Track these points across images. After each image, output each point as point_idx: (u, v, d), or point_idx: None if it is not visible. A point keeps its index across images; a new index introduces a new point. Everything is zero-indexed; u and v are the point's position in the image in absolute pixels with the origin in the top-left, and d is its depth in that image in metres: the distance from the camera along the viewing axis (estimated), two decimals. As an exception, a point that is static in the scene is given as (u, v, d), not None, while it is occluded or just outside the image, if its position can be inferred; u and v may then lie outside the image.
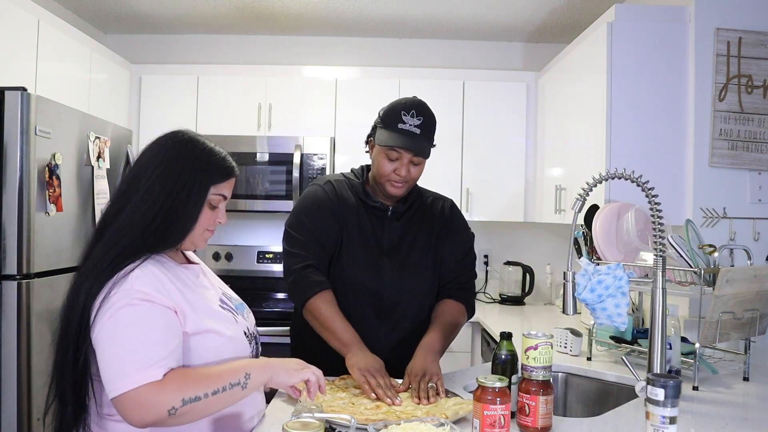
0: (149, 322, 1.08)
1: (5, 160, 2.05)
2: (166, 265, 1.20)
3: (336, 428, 1.19)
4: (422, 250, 1.73)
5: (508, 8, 3.23)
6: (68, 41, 2.75)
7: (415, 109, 1.62)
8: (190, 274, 1.25)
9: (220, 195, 1.24)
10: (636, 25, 2.34)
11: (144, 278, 1.11)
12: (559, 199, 2.92)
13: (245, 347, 1.25)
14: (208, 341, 1.17)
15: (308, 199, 1.73)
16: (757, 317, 1.68)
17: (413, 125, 1.61)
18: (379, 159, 1.65)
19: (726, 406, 1.48)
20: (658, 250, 1.46)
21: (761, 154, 2.27)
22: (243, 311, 1.34)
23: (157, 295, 1.11)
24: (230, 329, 1.22)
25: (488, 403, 1.13)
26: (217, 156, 1.24)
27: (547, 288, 3.61)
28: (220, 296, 1.29)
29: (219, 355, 1.18)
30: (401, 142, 1.60)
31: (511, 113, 3.39)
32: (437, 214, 1.79)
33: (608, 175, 1.48)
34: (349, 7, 3.27)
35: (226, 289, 1.40)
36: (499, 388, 1.14)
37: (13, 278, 2.05)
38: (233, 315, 1.27)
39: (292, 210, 1.76)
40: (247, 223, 3.61)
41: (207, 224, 1.23)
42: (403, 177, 1.63)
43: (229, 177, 1.25)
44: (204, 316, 1.18)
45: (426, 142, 1.63)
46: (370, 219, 1.71)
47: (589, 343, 1.97)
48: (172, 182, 1.17)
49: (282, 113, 3.37)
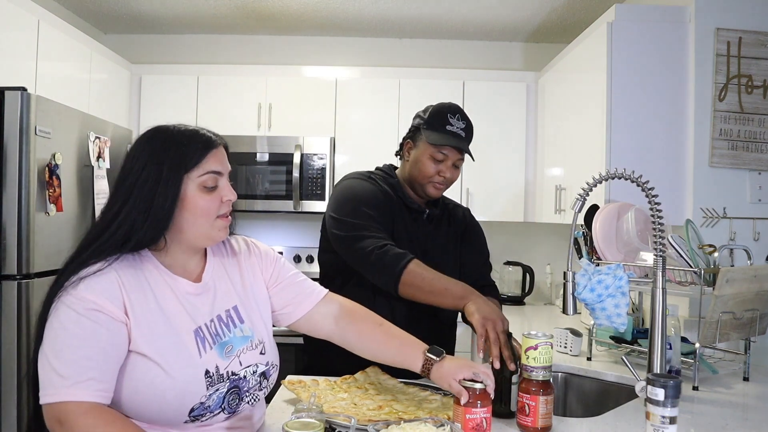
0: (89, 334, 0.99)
1: (5, 160, 2.05)
2: (145, 269, 1.09)
3: (336, 428, 1.19)
4: (448, 254, 1.78)
5: (508, 8, 3.23)
6: (68, 41, 2.75)
7: (459, 113, 1.69)
8: (177, 287, 1.12)
9: (209, 173, 1.10)
10: (636, 25, 2.34)
11: (95, 285, 1.02)
12: (559, 199, 2.92)
13: (194, 390, 1.05)
14: (144, 368, 1.03)
15: (359, 189, 1.67)
16: (757, 317, 1.68)
17: (459, 128, 1.67)
18: (424, 159, 1.68)
19: (726, 406, 1.48)
20: (658, 250, 1.46)
21: (761, 154, 2.27)
22: (236, 347, 1.14)
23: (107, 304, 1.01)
24: (176, 366, 1.04)
25: (469, 406, 1.13)
26: (185, 137, 1.11)
27: (547, 288, 3.61)
28: (205, 322, 1.12)
29: (152, 388, 1.03)
30: (453, 142, 1.65)
31: (511, 113, 3.40)
32: (459, 220, 1.85)
33: (608, 175, 1.48)
34: (349, 7, 3.27)
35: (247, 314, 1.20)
36: (480, 391, 1.13)
37: (13, 278, 2.05)
38: (200, 349, 1.09)
39: (339, 200, 1.67)
40: (247, 223, 3.58)
41: (212, 210, 1.11)
42: (447, 179, 1.69)
43: (207, 151, 1.10)
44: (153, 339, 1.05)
45: (469, 145, 1.71)
46: (407, 219, 1.72)
47: (589, 343, 1.97)
48: (135, 178, 1.07)
49: (282, 113, 3.37)
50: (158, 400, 1.03)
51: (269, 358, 1.20)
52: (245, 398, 1.14)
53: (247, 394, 1.15)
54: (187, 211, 1.09)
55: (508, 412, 1.32)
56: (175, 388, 1.04)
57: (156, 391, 1.03)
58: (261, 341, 1.20)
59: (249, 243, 1.32)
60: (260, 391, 1.18)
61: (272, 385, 1.24)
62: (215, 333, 1.13)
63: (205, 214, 1.11)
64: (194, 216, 1.10)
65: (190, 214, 1.10)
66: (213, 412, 1.08)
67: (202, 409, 1.07)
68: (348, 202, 1.65)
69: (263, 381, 1.18)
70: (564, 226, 3.03)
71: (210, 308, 1.15)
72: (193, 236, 1.12)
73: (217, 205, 1.12)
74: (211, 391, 1.08)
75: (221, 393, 1.09)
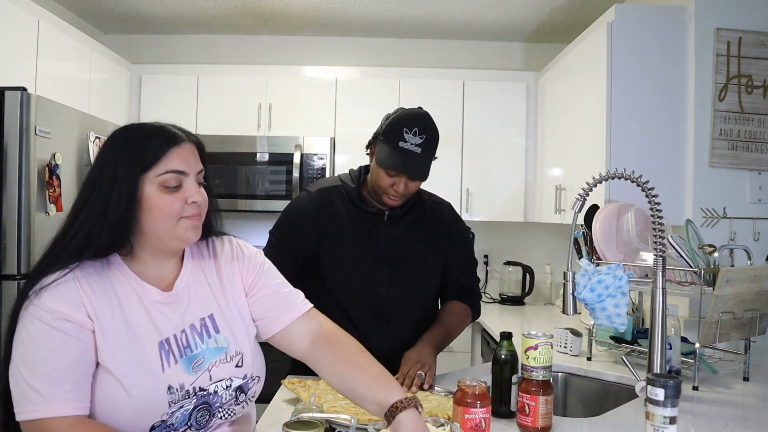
0: (58, 346, 0.94)
1: (5, 160, 2.05)
2: (111, 276, 1.03)
3: (336, 428, 1.19)
4: (423, 255, 1.72)
5: (508, 8, 3.23)
6: (68, 41, 2.75)
7: (418, 127, 1.56)
8: (145, 294, 1.04)
9: (170, 172, 1.01)
10: (636, 25, 2.34)
11: (57, 294, 0.96)
12: (559, 199, 2.92)
13: (155, 407, 0.98)
14: (104, 383, 0.98)
15: (292, 207, 1.75)
16: (757, 317, 1.68)
17: (414, 144, 1.55)
18: (378, 172, 1.61)
19: (726, 406, 1.47)
20: (658, 250, 1.46)
21: (761, 154, 2.27)
22: (208, 360, 1.05)
23: (73, 312, 0.96)
24: (135, 381, 0.97)
25: (468, 406, 1.13)
26: (145, 134, 1.02)
27: (547, 288, 3.61)
28: (174, 333, 1.04)
29: (111, 403, 0.97)
30: (401, 166, 1.56)
31: (511, 113, 3.40)
32: (437, 219, 1.77)
33: (608, 175, 1.48)
34: (349, 7, 3.27)
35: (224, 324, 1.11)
36: (480, 391, 1.14)
37: (13, 278, 2.05)
38: (164, 363, 1.01)
39: (280, 214, 1.77)
40: (247, 223, 3.61)
41: (174, 211, 1.01)
42: (401, 193, 1.61)
43: (167, 149, 1.01)
44: (113, 352, 0.98)
45: (426, 161, 1.59)
46: (365, 225, 1.68)
47: (589, 343, 1.96)
48: (94, 178, 1.01)
49: (282, 113, 3.37)
50: (117, 416, 0.97)
51: (248, 370, 1.10)
52: (217, 414, 1.06)
53: (220, 410, 1.06)
54: (146, 212, 1.01)
55: (508, 412, 1.32)
56: (133, 405, 0.97)
57: (115, 406, 0.97)
58: (239, 352, 1.10)
59: (234, 245, 1.22)
60: (237, 405, 1.09)
61: (254, 398, 1.15)
62: (185, 345, 1.05)
63: (166, 215, 1.01)
64: (154, 218, 1.01)
65: (150, 216, 1.01)
66: (177, 430, 1.01)
67: (164, 427, 1.00)
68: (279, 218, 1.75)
69: (239, 395, 1.09)
70: (564, 226, 3.03)
71: (181, 318, 1.07)
72: (157, 239, 1.03)
73: (179, 205, 1.02)
74: (174, 409, 1.00)
75: (186, 410, 1.01)
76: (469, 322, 1.80)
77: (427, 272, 1.73)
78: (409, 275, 1.69)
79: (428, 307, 1.76)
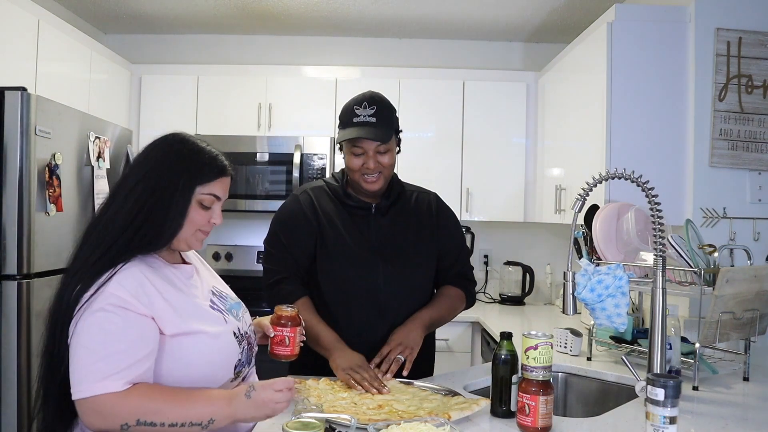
0: (119, 330, 1.07)
1: (5, 160, 2.05)
2: (155, 265, 1.19)
3: (336, 428, 1.19)
4: (414, 244, 1.74)
5: (508, 8, 3.23)
6: (68, 41, 2.75)
7: (366, 101, 1.66)
8: (180, 275, 1.24)
9: (211, 195, 1.21)
10: (636, 25, 2.34)
11: (124, 282, 1.10)
12: (559, 199, 2.92)
13: (233, 349, 1.23)
14: (192, 342, 1.16)
15: (282, 212, 1.76)
16: (757, 317, 1.69)
17: (367, 116, 1.63)
18: (348, 157, 1.66)
19: (726, 406, 1.48)
20: (658, 250, 1.46)
21: (761, 154, 2.27)
22: (238, 311, 1.33)
23: (134, 301, 1.10)
24: (217, 330, 1.20)
25: (276, 324, 1.34)
26: (207, 155, 1.22)
27: (547, 288, 3.61)
28: (210, 297, 1.28)
29: (204, 356, 1.17)
30: (358, 133, 1.61)
31: (511, 113, 3.39)
32: (424, 210, 1.80)
33: (608, 175, 1.48)
34: (349, 7, 3.27)
35: (223, 287, 1.39)
36: (290, 314, 1.34)
37: (13, 278, 2.05)
38: (223, 315, 1.25)
39: (270, 223, 1.77)
40: (247, 223, 3.60)
41: (199, 224, 1.22)
42: (373, 169, 1.63)
43: (219, 176, 1.22)
44: (190, 317, 1.17)
45: (384, 128, 1.64)
46: (354, 220, 1.71)
47: (589, 343, 1.97)
48: (154, 182, 1.16)
49: (282, 113, 3.37)
50: (208, 365, 1.17)
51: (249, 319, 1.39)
52: (254, 350, 1.33)
53: (254, 347, 1.34)
54: None
55: (508, 412, 1.32)
56: (220, 348, 1.19)
57: (203, 357, 1.16)
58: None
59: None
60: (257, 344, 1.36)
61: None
62: (223, 300, 1.31)
63: (193, 225, 1.21)
64: (186, 224, 1.20)
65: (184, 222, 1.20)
66: (245, 366, 1.27)
67: (240, 366, 1.24)
68: (270, 227, 1.77)
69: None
70: (564, 226, 3.03)
71: (205, 285, 1.31)
72: (176, 240, 1.21)
73: (205, 222, 1.23)
74: (241, 348, 1.25)
75: (245, 349, 1.27)
76: (462, 307, 1.81)
77: (421, 261, 1.74)
78: (404, 266, 1.70)
79: (425, 297, 1.77)
